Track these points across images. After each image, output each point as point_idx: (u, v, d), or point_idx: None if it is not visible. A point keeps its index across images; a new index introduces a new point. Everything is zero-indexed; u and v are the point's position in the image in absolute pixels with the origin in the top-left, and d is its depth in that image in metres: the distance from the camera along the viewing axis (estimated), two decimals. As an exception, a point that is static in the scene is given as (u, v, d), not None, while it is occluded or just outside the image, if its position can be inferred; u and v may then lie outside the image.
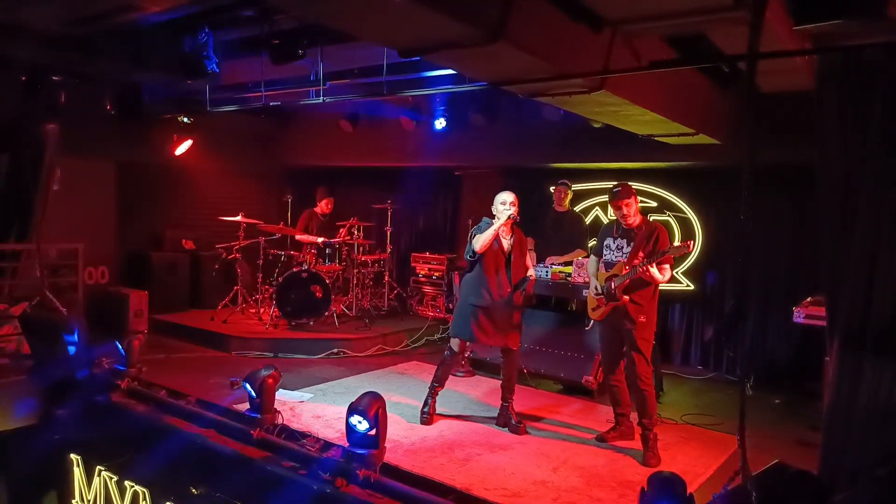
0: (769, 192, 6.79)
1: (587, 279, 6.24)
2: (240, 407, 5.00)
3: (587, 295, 5.19)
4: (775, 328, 7.01)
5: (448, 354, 5.41)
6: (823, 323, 3.82)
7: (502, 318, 5.19)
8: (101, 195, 8.58)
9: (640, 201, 5.08)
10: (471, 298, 5.24)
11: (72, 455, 5.59)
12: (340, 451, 4.17)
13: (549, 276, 6.64)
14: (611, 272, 4.88)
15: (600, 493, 4.16)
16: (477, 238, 5.15)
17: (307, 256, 8.07)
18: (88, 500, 5.45)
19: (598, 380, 6.05)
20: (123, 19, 5.05)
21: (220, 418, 4.95)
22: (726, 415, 5.77)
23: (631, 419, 5.12)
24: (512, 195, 5.19)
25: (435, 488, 4.04)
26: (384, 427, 4.09)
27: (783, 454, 3.91)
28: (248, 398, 4.66)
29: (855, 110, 3.44)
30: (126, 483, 5.10)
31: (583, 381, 6.14)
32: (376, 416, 4.00)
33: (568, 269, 6.63)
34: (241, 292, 8.46)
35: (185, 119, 8.43)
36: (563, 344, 6.47)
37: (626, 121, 5.60)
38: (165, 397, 5.46)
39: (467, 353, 6.80)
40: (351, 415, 4.06)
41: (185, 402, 5.35)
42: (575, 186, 7.72)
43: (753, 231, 6.77)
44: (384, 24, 3.51)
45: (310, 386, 6.16)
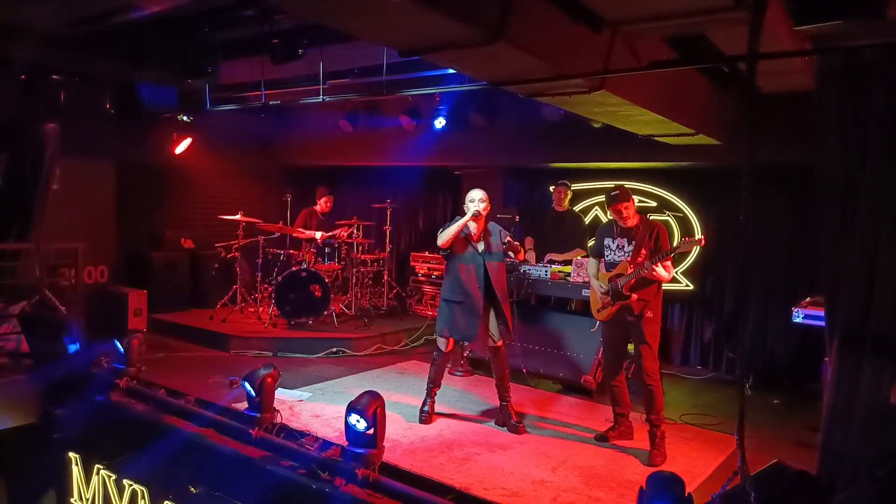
0: (769, 192, 6.78)
1: (587, 279, 6.26)
2: (239, 406, 5.00)
3: (591, 295, 5.18)
4: (775, 328, 7.01)
5: (437, 354, 5.41)
6: (823, 323, 3.82)
7: (479, 315, 5.18)
8: (101, 194, 8.58)
9: (639, 201, 5.08)
10: (445, 295, 5.32)
11: (70, 454, 5.60)
12: (339, 450, 4.17)
13: (548, 276, 6.64)
14: (615, 272, 4.89)
15: (599, 492, 4.16)
16: (441, 233, 5.20)
17: (306, 255, 8.07)
18: (87, 499, 5.45)
19: (597, 379, 6.05)
20: (123, 19, 5.05)
21: (219, 417, 4.95)
22: (725, 415, 5.77)
23: (630, 419, 5.13)
24: (481, 193, 5.21)
25: (434, 488, 4.04)
26: (383, 426, 4.09)
27: (782, 454, 3.91)
28: (247, 397, 4.66)
29: (855, 111, 3.44)
30: (125, 482, 5.10)
31: (582, 380, 6.15)
32: (375, 415, 4.01)
33: (567, 269, 6.63)
34: (240, 291, 8.46)
35: (185, 118, 8.44)
36: (562, 343, 6.47)
37: (625, 121, 5.60)
38: (164, 396, 5.47)
39: (466, 353, 6.80)
40: (350, 414, 4.06)
41: (184, 401, 5.36)
42: (575, 186, 7.72)
43: (753, 231, 6.77)
44: (384, 24, 3.51)
45: (309, 385, 6.16)
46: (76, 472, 5.57)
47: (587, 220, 7.84)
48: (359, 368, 6.93)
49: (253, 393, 4.59)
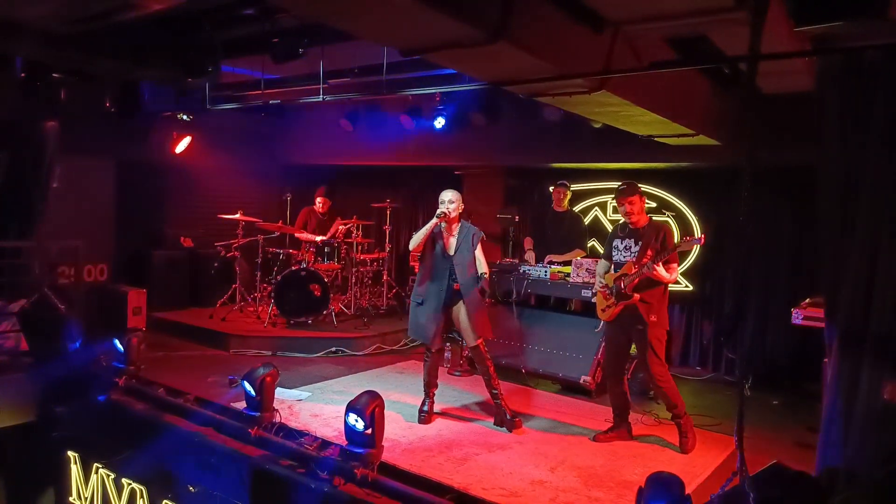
0: (769, 192, 6.79)
1: (586, 279, 6.27)
2: (238, 405, 5.00)
3: (598, 295, 5.18)
4: (774, 329, 7.00)
5: (426, 355, 5.41)
6: (822, 324, 3.82)
7: (438, 316, 5.17)
8: (101, 193, 8.58)
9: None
10: (413, 296, 5.36)
11: (69, 452, 5.60)
12: (338, 449, 4.17)
13: (547, 276, 6.64)
14: (620, 272, 4.90)
15: (598, 492, 4.16)
16: (413, 237, 5.24)
17: (306, 255, 8.07)
18: (86, 498, 5.45)
19: (596, 380, 6.05)
20: (124, 17, 5.04)
21: (218, 416, 4.95)
22: (725, 415, 5.76)
23: (629, 420, 5.13)
24: (450, 193, 5.22)
25: (433, 487, 4.04)
26: (382, 426, 4.09)
27: (781, 455, 3.91)
28: (246, 396, 4.65)
29: (855, 111, 3.44)
30: (123, 480, 5.10)
31: (581, 381, 6.14)
32: (374, 414, 4.00)
33: (567, 269, 6.63)
34: (239, 290, 8.45)
35: (185, 117, 8.43)
36: (561, 344, 6.46)
37: (626, 121, 5.60)
38: (164, 395, 5.47)
39: (466, 353, 6.80)
40: (349, 413, 4.05)
41: (183, 399, 5.36)
42: (574, 186, 7.72)
43: (753, 232, 6.77)
44: (385, 23, 3.51)
45: (308, 384, 6.16)
46: (75, 470, 5.57)
47: (587, 220, 7.84)
48: (358, 368, 6.93)
49: (252, 392, 4.58)
